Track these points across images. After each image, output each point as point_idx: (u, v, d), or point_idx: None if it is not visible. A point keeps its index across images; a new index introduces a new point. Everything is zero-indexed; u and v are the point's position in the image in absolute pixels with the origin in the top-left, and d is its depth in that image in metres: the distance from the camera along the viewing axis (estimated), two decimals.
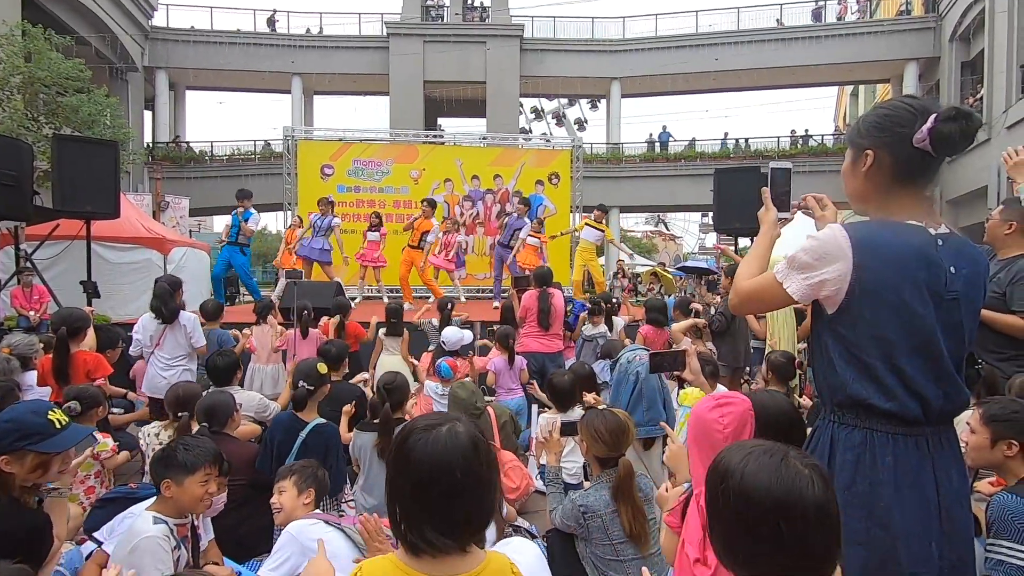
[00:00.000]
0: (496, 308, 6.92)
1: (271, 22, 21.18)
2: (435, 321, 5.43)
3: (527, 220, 8.33)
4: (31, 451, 1.73)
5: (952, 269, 1.25)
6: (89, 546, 2.10)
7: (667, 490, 1.79)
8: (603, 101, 22.63)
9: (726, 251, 6.57)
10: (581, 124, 23.07)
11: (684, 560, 1.55)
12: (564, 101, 24.13)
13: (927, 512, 1.22)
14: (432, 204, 8.37)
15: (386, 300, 8.45)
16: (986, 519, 1.79)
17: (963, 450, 1.68)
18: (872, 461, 1.24)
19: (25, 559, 1.55)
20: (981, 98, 15.41)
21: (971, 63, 17.33)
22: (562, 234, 10.01)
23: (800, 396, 4.03)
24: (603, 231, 8.80)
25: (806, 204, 1.55)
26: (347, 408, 3.43)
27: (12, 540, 1.66)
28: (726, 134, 21.59)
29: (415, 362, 5.01)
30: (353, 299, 7.62)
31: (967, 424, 1.91)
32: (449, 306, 5.56)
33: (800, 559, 0.88)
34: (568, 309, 5.58)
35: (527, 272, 6.57)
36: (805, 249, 1.30)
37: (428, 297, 8.58)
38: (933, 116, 1.23)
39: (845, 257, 1.24)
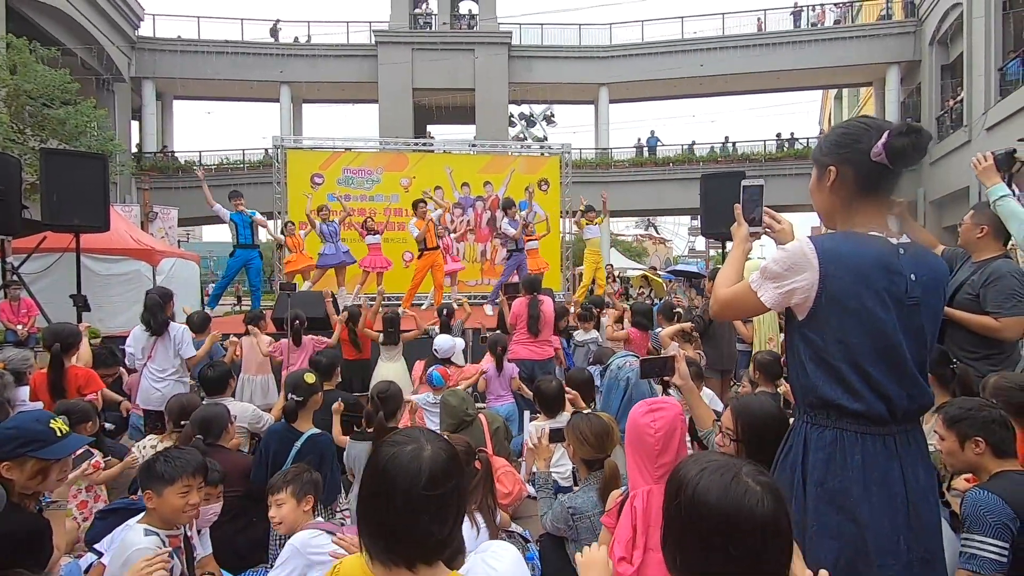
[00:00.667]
0: (490, 316, 6.95)
1: (274, 32, 21.09)
2: (438, 328, 5.47)
3: (516, 220, 8.39)
4: (32, 457, 1.77)
5: (913, 276, 1.32)
6: (88, 559, 2.12)
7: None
8: (591, 106, 22.81)
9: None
10: (541, 141, 23.24)
11: (611, 557, 1.62)
12: (523, 124, 24.45)
13: (894, 508, 1.28)
14: (424, 202, 8.35)
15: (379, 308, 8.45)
16: (961, 514, 1.86)
17: (933, 454, 1.75)
18: (842, 460, 1.30)
19: (26, 563, 1.58)
20: (961, 100, 15.72)
21: (951, 66, 17.68)
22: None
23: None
24: (599, 223, 9.00)
25: (768, 225, 1.64)
26: (336, 406, 3.46)
27: (12, 542, 1.70)
28: (727, 138, 21.79)
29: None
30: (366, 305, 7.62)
31: (935, 432, 1.98)
32: (446, 312, 5.59)
33: (750, 573, 0.91)
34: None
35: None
36: (775, 260, 1.38)
37: (421, 305, 8.59)
38: (887, 132, 1.32)
39: (812, 267, 1.32)
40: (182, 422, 2.97)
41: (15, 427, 1.80)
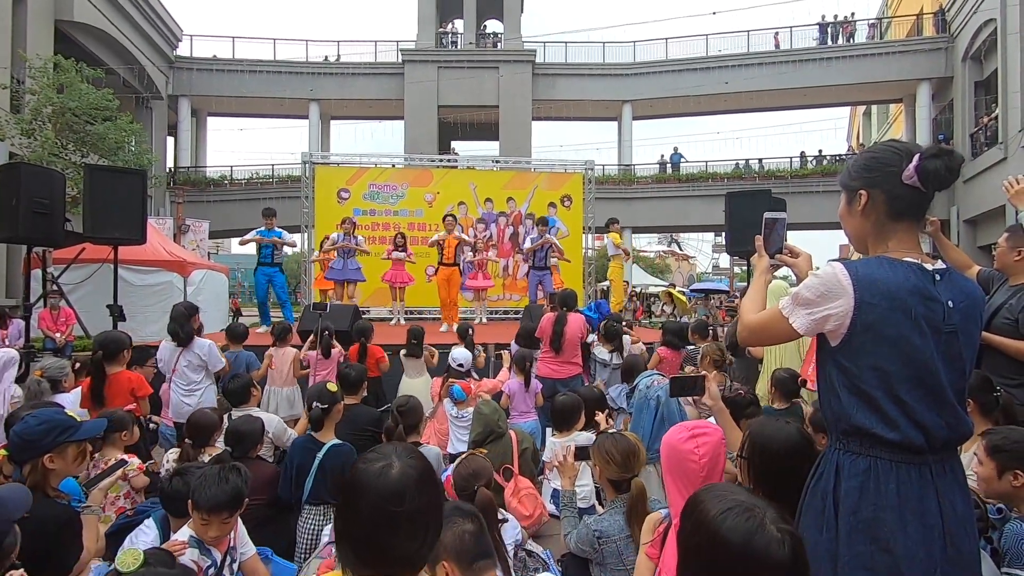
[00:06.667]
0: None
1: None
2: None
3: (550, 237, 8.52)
4: (70, 443, 1.92)
5: (950, 303, 1.30)
6: None
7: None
8: (614, 123, 22.87)
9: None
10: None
11: None
12: None
13: (931, 538, 1.25)
14: (454, 217, 8.50)
15: (402, 322, 8.56)
16: (1000, 548, 1.80)
17: (971, 481, 1.69)
18: (876, 488, 1.28)
19: (56, 552, 1.64)
20: (996, 117, 15.36)
21: (985, 82, 17.32)
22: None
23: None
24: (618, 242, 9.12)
25: (783, 261, 1.63)
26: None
27: (45, 531, 1.79)
28: (760, 161, 21.50)
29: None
30: (389, 320, 7.73)
31: (975, 455, 1.92)
32: (471, 331, 5.56)
33: None
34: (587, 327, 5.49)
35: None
36: (808, 286, 1.36)
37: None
38: (918, 155, 1.31)
39: (847, 293, 1.30)
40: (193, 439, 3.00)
41: (46, 420, 1.92)
